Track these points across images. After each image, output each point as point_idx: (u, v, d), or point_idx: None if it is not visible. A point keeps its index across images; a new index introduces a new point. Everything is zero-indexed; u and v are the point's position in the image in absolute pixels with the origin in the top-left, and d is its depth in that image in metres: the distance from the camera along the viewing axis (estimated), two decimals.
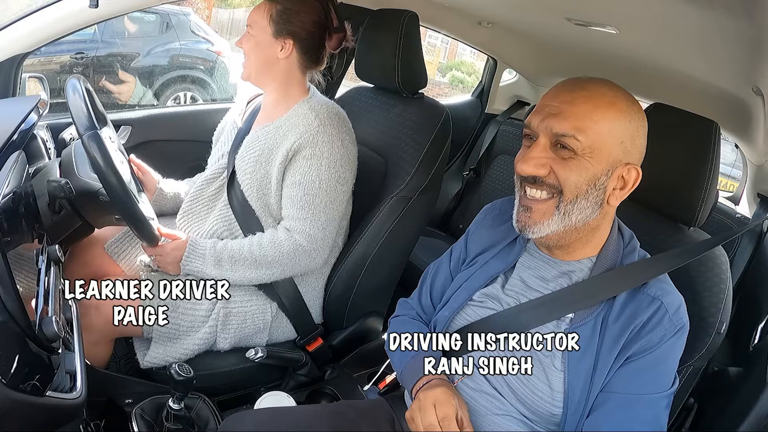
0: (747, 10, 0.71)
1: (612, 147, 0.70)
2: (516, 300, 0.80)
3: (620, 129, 0.70)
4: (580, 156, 0.70)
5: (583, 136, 0.69)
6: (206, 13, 8.80)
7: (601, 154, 0.70)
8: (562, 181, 0.71)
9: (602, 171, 0.71)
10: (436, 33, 2.09)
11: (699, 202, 0.83)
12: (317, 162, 1.09)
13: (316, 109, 1.12)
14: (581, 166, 0.70)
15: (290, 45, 1.13)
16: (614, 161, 0.71)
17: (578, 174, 0.71)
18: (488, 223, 0.90)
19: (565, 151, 0.70)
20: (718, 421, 1.01)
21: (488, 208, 0.93)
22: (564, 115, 0.70)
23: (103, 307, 1.05)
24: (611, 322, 0.73)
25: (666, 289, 0.74)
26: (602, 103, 0.70)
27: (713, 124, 0.81)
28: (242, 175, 1.14)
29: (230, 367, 1.14)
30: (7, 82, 1.19)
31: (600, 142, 0.70)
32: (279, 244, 1.09)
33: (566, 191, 0.71)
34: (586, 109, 0.70)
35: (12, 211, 0.79)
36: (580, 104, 0.70)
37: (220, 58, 5.05)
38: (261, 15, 1.13)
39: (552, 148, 0.71)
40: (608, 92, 0.71)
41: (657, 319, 0.71)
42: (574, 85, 0.73)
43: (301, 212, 1.10)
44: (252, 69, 1.16)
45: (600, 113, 0.70)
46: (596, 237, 0.77)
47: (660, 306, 0.72)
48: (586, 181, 0.71)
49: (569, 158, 0.70)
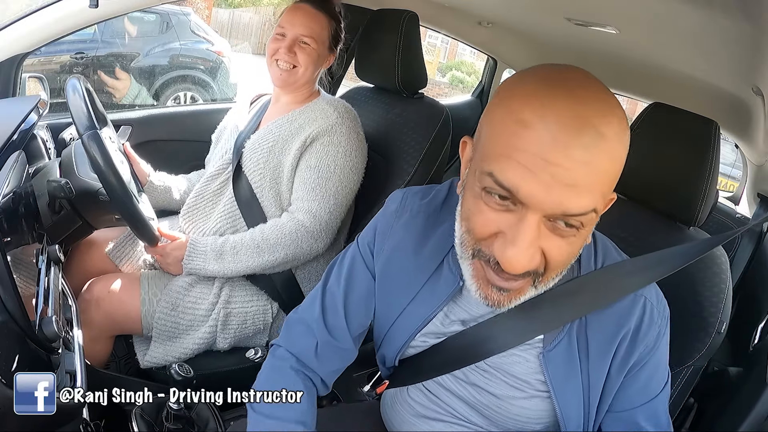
0: (746, 10, 0.71)
1: (609, 189, 0.52)
2: (462, 327, 0.65)
3: (621, 165, 0.51)
4: (582, 226, 0.50)
5: (602, 203, 0.51)
6: (206, 13, 8.80)
7: (601, 207, 0.51)
8: (551, 262, 0.52)
9: (595, 223, 0.53)
10: (436, 33, 2.09)
11: (699, 202, 0.83)
12: (334, 149, 1.11)
13: (334, 104, 1.16)
14: (580, 237, 0.52)
15: (333, 57, 1.20)
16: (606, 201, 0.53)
17: (574, 248, 0.53)
18: (400, 229, 0.69)
19: (569, 229, 0.50)
20: (718, 421, 1.01)
21: (396, 204, 0.71)
22: (583, 187, 0.48)
23: (103, 304, 1.06)
24: (591, 331, 0.61)
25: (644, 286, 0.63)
26: (619, 148, 0.50)
27: (713, 124, 0.81)
28: (252, 167, 1.14)
29: (230, 367, 1.13)
30: (7, 82, 1.19)
31: (603, 192, 0.51)
32: (281, 227, 1.10)
33: (551, 270, 0.53)
34: (608, 170, 0.49)
35: (12, 211, 0.79)
36: (601, 163, 0.48)
37: (221, 58, 5.05)
38: (323, 28, 1.15)
39: (546, 223, 0.50)
40: (612, 128, 0.48)
41: (648, 318, 0.61)
42: (582, 124, 0.47)
43: (311, 194, 1.11)
44: (304, 80, 1.17)
45: (618, 164, 0.50)
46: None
47: (644, 301, 0.61)
48: (577, 250, 0.54)
49: (569, 236, 0.51)
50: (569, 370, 0.62)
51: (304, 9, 1.15)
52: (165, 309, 1.07)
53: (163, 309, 1.07)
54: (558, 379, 0.62)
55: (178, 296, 1.09)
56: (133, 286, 1.09)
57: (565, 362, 0.62)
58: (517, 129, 0.48)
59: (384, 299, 0.69)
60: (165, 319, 1.07)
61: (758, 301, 1.23)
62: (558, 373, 0.62)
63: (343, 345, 0.72)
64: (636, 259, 0.64)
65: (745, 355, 1.09)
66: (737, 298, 0.96)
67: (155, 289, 1.09)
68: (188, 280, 1.11)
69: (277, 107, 1.22)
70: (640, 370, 0.62)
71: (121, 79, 4.69)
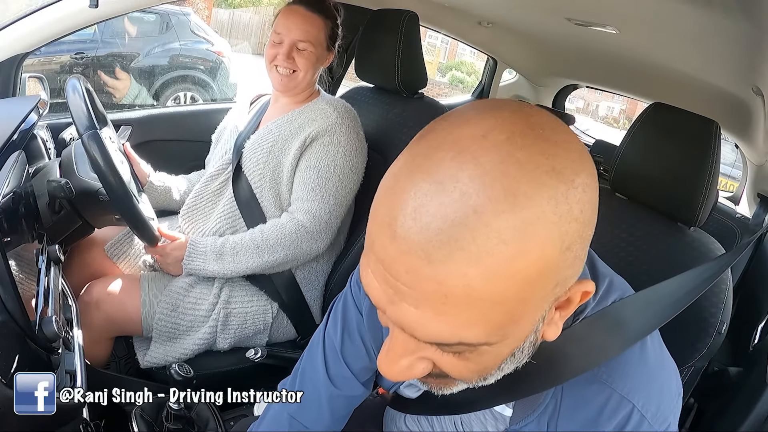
0: (746, 10, 0.71)
1: (536, 305, 0.38)
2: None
3: (550, 273, 0.36)
4: (487, 345, 0.39)
5: (498, 335, 0.38)
6: (206, 13, 8.80)
7: (524, 323, 0.39)
8: (457, 376, 0.42)
9: (527, 333, 0.41)
10: (436, 33, 2.09)
11: (699, 202, 0.82)
12: (334, 149, 1.11)
13: (333, 104, 1.16)
14: (485, 354, 0.40)
15: (332, 56, 1.20)
16: (545, 311, 0.40)
17: (485, 363, 0.42)
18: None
19: (458, 347, 0.39)
20: (718, 421, 1.01)
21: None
22: (443, 311, 0.35)
23: (103, 305, 1.05)
24: (561, 425, 0.50)
25: (642, 380, 0.49)
26: (497, 265, 0.34)
27: (713, 124, 0.81)
28: (252, 167, 1.14)
29: (230, 367, 1.13)
30: (7, 82, 1.19)
31: (511, 318, 0.37)
32: (281, 227, 1.10)
33: (466, 378, 0.44)
34: (470, 292, 0.34)
35: (12, 211, 0.79)
36: (457, 289, 0.34)
37: (220, 58, 5.05)
38: (319, 31, 1.14)
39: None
40: (496, 226, 0.33)
41: (631, 429, 0.48)
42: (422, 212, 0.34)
43: (311, 194, 1.11)
44: (305, 83, 1.16)
45: (504, 286, 0.35)
46: None
47: (632, 411, 0.47)
48: (502, 359, 0.42)
49: (467, 354, 0.40)
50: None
51: (298, 12, 1.14)
52: (165, 310, 1.07)
53: (164, 310, 1.07)
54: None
55: (178, 297, 1.09)
56: (133, 287, 1.09)
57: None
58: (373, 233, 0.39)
59: (375, 332, 0.63)
60: (165, 320, 1.07)
61: (758, 301, 1.23)
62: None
63: (351, 392, 0.66)
64: (636, 296, 0.52)
65: (745, 355, 1.09)
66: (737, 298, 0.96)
67: (155, 290, 1.09)
68: (188, 280, 1.11)
69: (276, 107, 1.22)
70: None
71: (121, 79, 4.69)
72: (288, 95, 1.19)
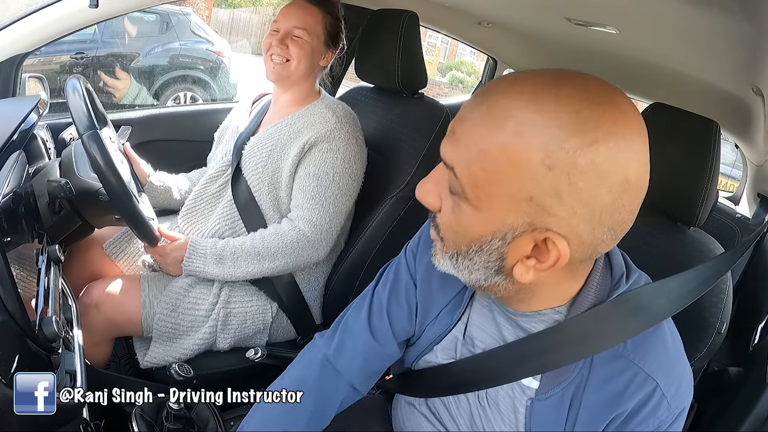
0: (746, 10, 0.71)
1: (509, 203, 0.46)
2: (471, 350, 0.64)
3: (526, 179, 0.45)
4: (464, 202, 0.49)
5: (464, 174, 0.48)
6: (206, 13, 8.80)
7: (490, 209, 0.47)
8: (444, 228, 0.53)
9: (491, 233, 0.48)
10: (436, 33, 2.09)
11: (699, 202, 0.83)
12: (333, 156, 1.10)
13: (333, 108, 1.15)
14: (462, 217, 0.50)
15: (331, 55, 1.18)
16: (515, 224, 0.47)
17: (457, 224, 0.50)
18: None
19: (455, 196, 0.50)
20: (718, 421, 1.01)
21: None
22: (453, 137, 0.49)
23: (103, 307, 1.05)
24: (586, 398, 0.55)
25: (665, 362, 0.54)
26: (501, 131, 0.45)
27: (713, 124, 0.81)
28: (251, 171, 1.14)
29: (230, 367, 1.13)
30: (7, 82, 1.19)
31: (488, 190, 0.47)
32: (282, 235, 1.09)
33: (446, 241, 0.53)
34: (474, 134, 0.47)
35: (12, 211, 0.79)
36: (471, 125, 0.47)
37: (220, 58, 5.05)
38: (317, 22, 1.14)
39: (449, 184, 0.51)
40: (519, 113, 0.44)
41: (651, 407, 0.53)
42: (482, 95, 0.48)
43: (310, 202, 1.10)
44: (297, 74, 1.15)
45: (495, 145, 0.45)
46: (542, 294, 0.56)
47: (655, 389, 0.53)
48: (467, 239, 0.50)
49: (456, 204, 0.50)
50: (551, 428, 0.57)
51: (298, 3, 1.15)
52: (165, 310, 1.07)
53: (163, 310, 1.07)
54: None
55: (178, 297, 1.09)
56: (133, 288, 1.09)
57: (551, 420, 0.57)
58: None
59: (424, 302, 0.68)
60: (165, 320, 1.07)
61: (758, 301, 1.23)
62: (539, 428, 0.58)
63: (386, 350, 0.71)
64: (652, 286, 0.57)
65: (745, 355, 1.09)
66: (737, 298, 0.96)
67: (155, 291, 1.09)
68: (188, 281, 1.11)
69: (276, 108, 1.22)
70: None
71: (121, 79, 4.69)
72: (282, 87, 1.19)
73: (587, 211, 0.46)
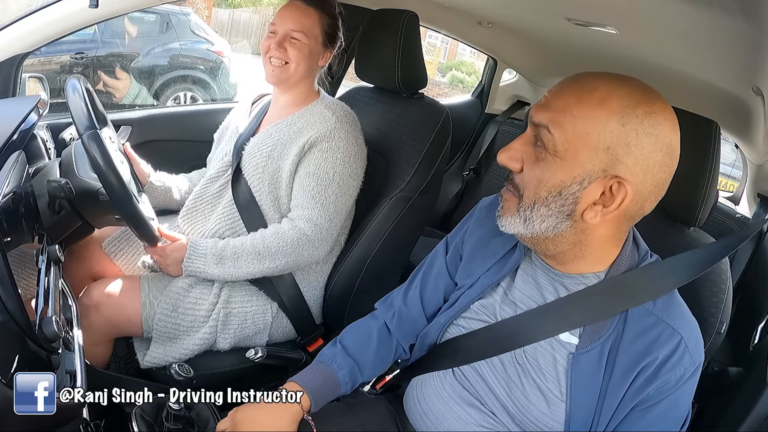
0: (746, 10, 0.71)
1: (591, 152, 0.61)
2: (513, 312, 0.73)
3: (606, 132, 0.60)
4: (551, 154, 0.62)
5: (558, 130, 0.61)
6: (206, 13, 8.80)
7: (575, 157, 0.61)
8: (524, 182, 0.65)
9: (573, 178, 0.62)
10: (436, 33, 2.09)
11: (699, 202, 0.83)
12: (333, 155, 1.10)
13: (332, 108, 1.15)
14: (547, 168, 0.63)
15: (329, 55, 1.18)
16: (592, 170, 0.61)
17: (541, 176, 0.63)
18: (488, 224, 0.82)
19: (540, 149, 0.64)
20: (718, 421, 1.01)
21: (488, 203, 0.85)
22: (547, 106, 0.64)
23: (103, 308, 1.05)
24: (622, 350, 0.66)
25: (685, 320, 0.67)
26: (589, 99, 0.61)
27: (713, 124, 0.81)
28: (251, 171, 1.14)
29: (230, 367, 1.13)
30: (7, 82, 1.19)
31: (576, 142, 0.61)
32: (282, 234, 1.09)
33: (525, 194, 0.65)
34: (569, 102, 0.62)
35: (12, 211, 0.79)
36: (565, 96, 0.63)
37: (221, 58, 5.05)
38: (314, 23, 1.14)
39: (533, 143, 0.65)
40: (602, 87, 0.62)
41: (677, 357, 0.64)
42: (572, 78, 0.65)
43: (310, 201, 1.10)
44: (297, 76, 1.15)
45: (582, 109, 0.61)
46: (591, 253, 0.68)
47: (680, 341, 0.64)
48: (548, 187, 0.63)
49: (540, 159, 0.63)
50: (591, 379, 0.66)
51: (295, 5, 1.15)
52: (165, 311, 1.07)
53: (164, 311, 1.07)
54: (579, 384, 0.66)
55: (178, 298, 1.09)
56: (133, 289, 1.09)
57: (591, 371, 0.66)
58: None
59: (466, 269, 0.82)
60: (165, 321, 1.07)
61: (758, 301, 1.23)
62: (580, 379, 0.66)
63: (413, 313, 0.86)
64: (668, 261, 0.70)
65: (745, 355, 1.09)
66: (737, 298, 0.96)
67: (155, 292, 1.09)
68: (188, 281, 1.11)
69: (276, 109, 1.22)
70: (652, 406, 0.65)
71: (121, 79, 4.69)
72: (282, 89, 1.19)
73: (645, 163, 0.61)
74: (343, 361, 0.83)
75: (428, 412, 0.78)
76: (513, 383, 0.71)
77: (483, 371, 0.74)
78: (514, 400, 0.71)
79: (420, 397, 0.81)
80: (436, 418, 0.77)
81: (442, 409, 0.76)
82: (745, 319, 1.15)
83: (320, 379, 0.81)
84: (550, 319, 0.69)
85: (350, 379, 0.83)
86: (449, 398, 0.76)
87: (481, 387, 0.74)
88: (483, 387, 0.74)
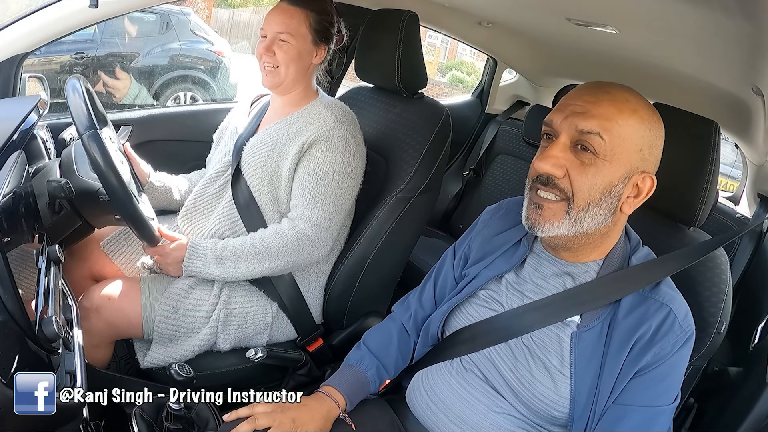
0: (746, 10, 0.71)
1: (631, 153, 0.70)
2: (520, 301, 0.80)
3: (640, 136, 0.71)
4: (601, 159, 0.70)
5: (608, 136, 0.69)
6: (206, 13, 8.80)
7: (620, 160, 0.70)
8: (575, 187, 0.71)
9: (619, 178, 0.71)
10: (436, 33, 2.09)
11: (699, 202, 0.83)
12: (332, 154, 1.10)
13: (331, 107, 1.14)
14: (599, 172, 0.70)
15: (324, 51, 1.17)
16: (632, 168, 0.71)
17: (594, 180, 0.70)
18: (493, 224, 0.90)
19: (586, 154, 0.70)
20: (718, 421, 1.01)
21: (493, 208, 0.93)
22: (590, 114, 0.70)
23: (104, 311, 1.05)
24: (618, 325, 0.73)
25: (673, 295, 0.74)
26: (626, 108, 0.71)
27: (713, 124, 0.81)
28: (250, 171, 1.14)
29: (230, 367, 1.13)
30: (7, 82, 1.19)
31: (621, 146, 0.70)
32: (282, 234, 1.09)
33: (577, 198, 0.71)
34: (612, 111, 0.70)
35: (12, 211, 0.79)
36: (606, 106, 0.70)
37: (220, 58, 5.05)
38: (300, 23, 1.13)
39: (572, 150, 0.71)
40: (631, 98, 0.72)
41: (668, 325, 0.71)
42: (597, 89, 0.73)
43: (310, 201, 1.10)
44: (289, 79, 1.14)
45: (624, 118, 0.70)
46: (605, 242, 0.77)
47: (669, 312, 0.72)
48: (601, 188, 0.71)
49: (588, 164, 0.70)
50: (593, 354, 0.73)
51: (280, 7, 1.14)
52: (166, 312, 1.07)
53: (164, 312, 1.07)
54: (582, 359, 0.73)
55: (178, 299, 1.09)
56: (133, 291, 1.08)
57: (592, 346, 0.73)
58: (563, 99, 0.75)
59: (472, 264, 0.89)
60: (166, 323, 1.07)
61: (758, 301, 1.23)
62: (583, 355, 0.73)
63: (428, 313, 0.92)
64: (663, 258, 0.78)
65: (745, 355, 1.09)
66: (737, 298, 0.96)
67: (156, 293, 1.09)
68: (188, 282, 1.11)
69: (274, 109, 1.22)
70: (650, 371, 0.71)
71: (121, 79, 4.68)
72: (276, 92, 1.18)
73: (658, 159, 0.74)
74: (370, 361, 0.90)
75: (436, 401, 0.81)
76: (519, 363, 0.76)
77: (491, 354, 0.79)
78: (521, 378, 0.76)
79: (427, 388, 0.83)
80: (443, 405, 0.80)
81: (449, 395, 0.80)
82: (745, 319, 1.15)
83: (353, 379, 0.88)
84: (554, 308, 0.76)
85: (378, 378, 0.90)
86: (457, 384, 0.80)
87: (488, 369, 0.79)
88: (491, 369, 0.79)
